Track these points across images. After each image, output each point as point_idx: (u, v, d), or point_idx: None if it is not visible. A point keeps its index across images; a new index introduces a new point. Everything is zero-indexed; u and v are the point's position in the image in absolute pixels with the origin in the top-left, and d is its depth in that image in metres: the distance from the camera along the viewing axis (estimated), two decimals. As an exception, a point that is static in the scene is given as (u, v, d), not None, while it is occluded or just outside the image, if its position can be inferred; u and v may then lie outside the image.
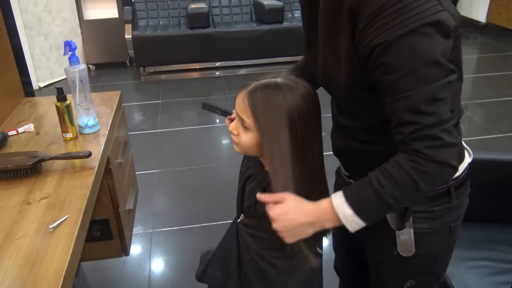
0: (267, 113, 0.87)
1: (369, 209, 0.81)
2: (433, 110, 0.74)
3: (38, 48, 4.56)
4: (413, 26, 0.72)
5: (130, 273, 2.10)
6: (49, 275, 0.84)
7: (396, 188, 0.78)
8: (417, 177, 0.76)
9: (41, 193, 1.12)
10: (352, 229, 0.83)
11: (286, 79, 0.90)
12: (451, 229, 0.99)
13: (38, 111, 1.68)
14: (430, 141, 0.75)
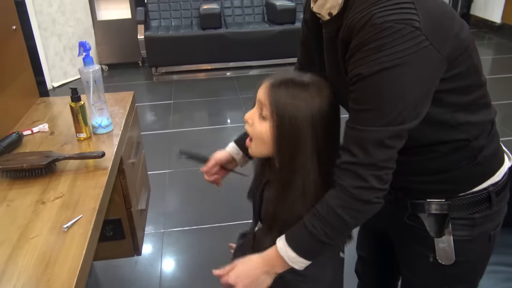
0: (289, 108, 0.86)
1: (309, 249, 0.87)
2: (375, 153, 0.77)
3: (52, 49, 4.61)
4: (386, 65, 0.72)
5: (142, 273, 2.11)
6: (63, 275, 0.84)
7: (327, 227, 0.83)
8: (343, 214, 0.81)
9: (55, 193, 1.13)
10: (299, 268, 0.88)
11: (312, 79, 0.89)
12: (491, 237, 0.97)
13: (53, 111, 1.69)
14: (358, 180, 0.79)
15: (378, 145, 0.77)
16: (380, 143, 0.76)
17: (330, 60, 0.93)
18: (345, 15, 0.81)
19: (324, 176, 0.90)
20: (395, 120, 0.75)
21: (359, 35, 0.75)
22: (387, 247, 1.15)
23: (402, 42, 0.71)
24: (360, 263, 1.39)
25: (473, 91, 0.85)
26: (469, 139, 0.87)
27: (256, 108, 0.92)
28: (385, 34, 0.71)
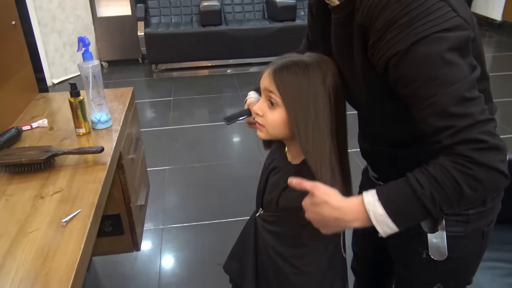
0: (296, 89, 0.86)
1: (403, 211, 0.75)
2: (464, 111, 0.70)
3: (52, 45, 4.60)
4: (423, 34, 0.70)
5: (141, 269, 2.12)
6: (61, 269, 0.85)
7: (436, 190, 0.71)
8: (460, 180, 0.70)
9: (54, 187, 1.13)
10: (383, 232, 0.76)
11: (312, 58, 0.90)
12: (484, 234, 0.96)
13: (52, 106, 1.69)
14: (472, 143, 0.69)
15: (462, 103, 0.70)
16: (462, 100, 0.70)
17: (339, 45, 0.91)
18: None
19: (337, 157, 0.89)
20: (458, 75, 0.71)
21: (384, 14, 0.73)
22: (381, 243, 1.13)
23: (432, 12, 0.70)
24: (355, 259, 1.39)
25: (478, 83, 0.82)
26: None
27: (263, 98, 0.93)
28: (414, 7, 0.71)
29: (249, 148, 3.27)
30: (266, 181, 1.05)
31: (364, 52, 0.80)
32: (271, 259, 1.03)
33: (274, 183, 1.01)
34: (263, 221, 1.06)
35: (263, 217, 1.06)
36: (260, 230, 1.06)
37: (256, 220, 1.08)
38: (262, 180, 1.08)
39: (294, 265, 1.00)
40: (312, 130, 0.87)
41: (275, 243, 1.02)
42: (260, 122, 0.94)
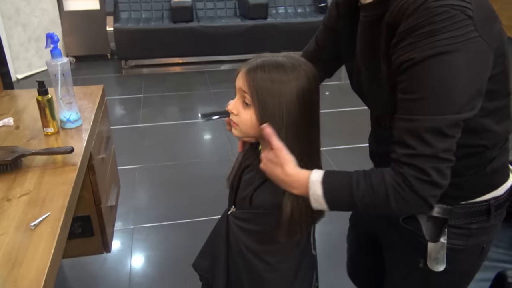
0: (269, 91, 0.86)
1: (336, 200, 0.83)
2: (433, 142, 0.72)
3: (16, 39, 4.44)
4: (441, 50, 0.70)
5: (111, 270, 2.08)
6: (30, 275, 0.82)
7: (369, 196, 0.78)
8: (391, 195, 0.76)
9: (22, 190, 1.09)
10: (314, 207, 0.85)
11: (288, 58, 0.90)
12: (483, 250, 0.96)
13: (18, 104, 1.64)
14: (419, 172, 0.74)
15: (437, 134, 0.72)
16: (438, 132, 0.72)
17: (364, 44, 0.90)
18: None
19: (307, 158, 0.91)
20: (451, 108, 0.72)
21: (410, 19, 0.72)
22: (375, 249, 1.14)
23: (455, 29, 0.70)
24: (350, 262, 1.38)
25: (500, 98, 0.83)
26: (487, 147, 0.86)
27: (238, 97, 0.93)
28: (440, 19, 0.70)
29: (221, 146, 3.26)
30: (240, 178, 1.05)
31: (386, 52, 0.81)
32: (243, 256, 1.03)
33: (247, 181, 1.01)
34: (235, 218, 1.06)
35: (236, 214, 1.06)
36: (232, 227, 1.06)
37: (228, 218, 1.08)
38: (235, 178, 1.08)
39: (266, 262, 1.00)
40: (285, 131, 0.88)
41: (247, 240, 1.02)
42: (234, 121, 0.94)
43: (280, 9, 5.61)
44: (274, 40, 5.10)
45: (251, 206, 0.99)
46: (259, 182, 0.97)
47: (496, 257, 1.44)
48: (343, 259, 1.38)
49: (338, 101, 4.01)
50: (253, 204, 0.98)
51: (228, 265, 1.08)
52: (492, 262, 1.40)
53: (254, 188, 0.97)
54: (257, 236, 1.01)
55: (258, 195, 0.96)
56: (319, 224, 1.05)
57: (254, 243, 1.01)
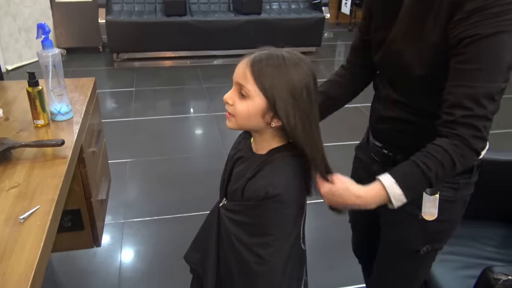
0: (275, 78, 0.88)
1: (414, 188, 0.93)
2: (487, 105, 0.87)
3: (6, 29, 4.38)
4: (503, 29, 0.83)
5: (101, 264, 2.06)
6: (19, 268, 0.81)
7: (439, 169, 0.90)
8: (456, 159, 0.89)
9: (11, 182, 1.08)
10: (396, 205, 0.93)
11: (291, 53, 0.91)
12: (465, 202, 1.14)
13: (7, 95, 1.61)
14: (474, 130, 0.88)
15: (490, 99, 0.87)
16: (491, 97, 0.87)
17: (413, 17, 0.98)
18: None
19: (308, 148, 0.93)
20: (500, 78, 0.87)
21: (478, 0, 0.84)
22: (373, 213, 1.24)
23: None
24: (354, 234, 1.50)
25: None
26: None
27: (234, 88, 0.93)
28: (508, 1, 0.83)
29: (212, 141, 3.24)
30: (231, 170, 1.05)
31: (443, 28, 0.91)
32: (234, 249, 1.02)
33: (239, 173, 1.01)
34: (226, 210, 1.05)
35: (227, 206, 1.06)
36: (223, 219, 1.06)
37: (220, 210, 1.08)
38: (226, 170, 1.08)
39: (257, 254, 1.00)
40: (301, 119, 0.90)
41: (238, 232, 1.02)
42: (229, 111, 0.94)
43: (274, 4, 5.59)
44: (268, 36, 5.09)
45: (243, 198, 0.98)
46: (250, 174, 0.96)
47: (486, 255, 1.46)
48: (331, 255, 1.39)
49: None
50: (245, 196, 0.98)
51: (219, 257, 1.08)
52: (482, 260, 1.42)
53: (246, 180, 0.97)
54: (248, 228, 1.01)
55: (250, 187, 0.96)
56: (308, 219, 1.06)
57: (245, 235, 1.01)
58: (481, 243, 1.53)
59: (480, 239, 1.54)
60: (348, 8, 6.48)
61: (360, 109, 3.79)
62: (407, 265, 1.23)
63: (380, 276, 1.33)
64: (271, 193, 0.91)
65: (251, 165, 0.97)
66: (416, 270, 1.24)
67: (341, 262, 2.05)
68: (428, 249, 1.16)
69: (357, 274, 1.66)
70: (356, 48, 1.24)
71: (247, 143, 1.03)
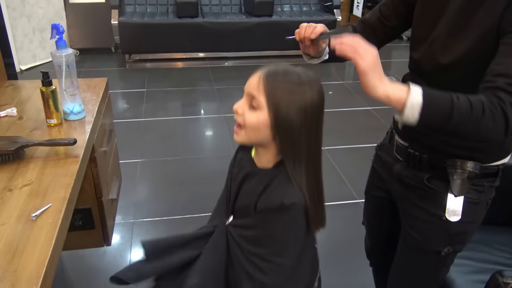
0: (286, 96, 0.87)
1: (435, 108, 0.85)
2: None
3: (20, 30, 4.44)
4: None
5: (110, 263, 2.08)
6: (30, 265, 0.82)
7: (466, 109, 0.84)
8: (486, 114, 0.83)
9: (24, 180, 1.09)
10: (403, 118, 0.86)
11: (304, 71, 0.91)
12: (487, 205, 1.14)
13: (21, 95, 1.63)
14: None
15: None
16: None
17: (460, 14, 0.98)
18: None
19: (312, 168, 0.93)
20: None
21: None
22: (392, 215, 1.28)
23: None
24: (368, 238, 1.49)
25: None
26: None
27: (245, 99, 0.92)
28: None
29: (222, 142, 3.25)
30: (239, 188, 1.04)
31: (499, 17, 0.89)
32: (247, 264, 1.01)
33: (249, 189, 1.00)
34: (236, 227, 1.04)
35: (237, 223, 1.04)
36: (234, 237, 1.04)
37: (228, 229, 1.06)
38: (232, 189, 1.06)
39: (271, 261, 1.00)
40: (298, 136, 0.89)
41: (251, 247, 1.00)
42: (238, 121, 0.94)
43: (286, 6, 5.59)
44: (279, 38, 5.08)
45: (255, 212, 0.97)
46: (262, 188, 0.95)
47: (499, 261, 1.44)
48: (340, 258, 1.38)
49: (340, 101, 4.00)
50: (258, 210, 0.96)
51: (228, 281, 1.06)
52: (495, 265, 1.40)
53: (258, 195, 0.96)
54: (263, 240, 0.99)
55: (263, 201, 0.95)
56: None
57: (261, 247, 1.00)
58: (494, 248, 1.51)
59: (493, 244, 1.52)
60: (360, 11, 6.45)
61: (370, 112, 3.77)
62: (427, 267, 1.23)
63: (398, 278, 1.32)
64: (287, 203, 0.90)
65: (261, 180, 0.96)
66: (436, 272, 1.24)
67: (350, 265, 2.04)
68: (449, 251, 1.16)
69: (367, 278, 1.65)
70: (371, 25, 1.23)
71: (249, 158, 1.02)
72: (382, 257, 1.47)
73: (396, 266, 1.31)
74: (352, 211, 2.44)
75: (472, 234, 1.19)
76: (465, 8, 0.97)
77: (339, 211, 2.47)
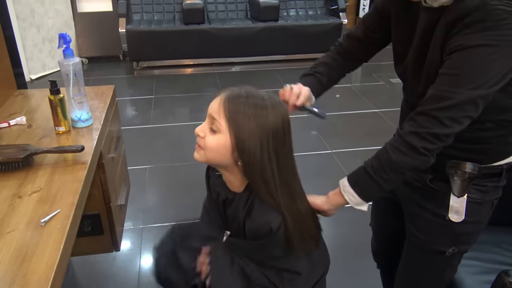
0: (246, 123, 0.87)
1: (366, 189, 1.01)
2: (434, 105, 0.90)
3: (30, 40, 4.51)
4: (486, 43, 0.84)
5: (120, 268, 2.10)
6: (40, 270, 0.83)
7: (378, 167, 0.98)
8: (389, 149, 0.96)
9: (33, 187, 1.11)
10: (355, 205, 1.03)
11: (269, 96, 0.92)
12: (493, 205, 1.14)
13: (31, 103, 1.66)
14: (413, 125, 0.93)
15: (438, 99, 0.90)
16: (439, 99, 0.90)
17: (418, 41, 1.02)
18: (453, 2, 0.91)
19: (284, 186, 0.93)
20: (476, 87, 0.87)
21: (471, 16, 0.86)
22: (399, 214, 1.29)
23: (505, 29, 0.84)
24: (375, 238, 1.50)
25: None
26: None
27: (207, 121, 0.93)
28: (494, 19, 0.84)
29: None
30: (224, 213, 1.05)
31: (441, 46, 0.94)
32: None
33: (232, 215, 1.01)
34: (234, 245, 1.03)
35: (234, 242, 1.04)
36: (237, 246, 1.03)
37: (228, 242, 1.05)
38: (218, 213, 1.08)
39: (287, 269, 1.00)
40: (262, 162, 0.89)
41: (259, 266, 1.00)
42: (199, 144, 0.95)
43: (291, 11, 5.61)
44: (285, 42, 5.11)
45: (246, 237, 0.98)
46: (243, 214, 0.96)
47: (507, 261, 1.43)
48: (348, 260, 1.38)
49: (348, 104, 4.00)
50: (248, 237, 0.97)
51: None
52: (503, 266, 1.39)
53: (242, 221, 0.97)
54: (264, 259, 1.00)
55: (250, 228, 0.95)
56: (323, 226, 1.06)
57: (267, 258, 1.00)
58: (503, 248, 1.49)
59: (501, 245, 1.51)
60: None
61: (378, 114, 3.76)
62: (432, 267, 1.23)
63: (404, 279, 1.33)
64: (275, 227, 0.91)
65: (238, 205, 0.97)
66: (441, 273, 1.25)
67: (358, 267, 2.03)
68: (454, 251, 1.17)
69: (375, 280, 1.65)
70: (358, 39, 1.24)
71: (221, 183, 1.02)
72: (388, 259, 1.47)
73: (402, 267, 1.31)
74: (360, 213, 2.43)
75: (478, 234, 1.19)
76: (421, 43, 1.01)
77: (347, 214, 2.47)
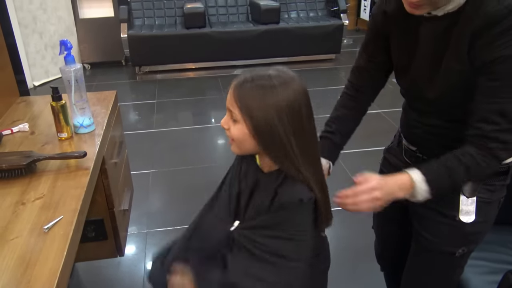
0: (256, 105, 0.85)
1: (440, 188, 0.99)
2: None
3: (33, 47, 4.53)
4: None
5: (125, 273, 2.09)
6: (43, 276, 0.84)
7: (465, 175, 0.97)
8: (481, 166, 0.95)
9: (36, 193, 1.11)
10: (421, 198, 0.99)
11: (277, 72, 0.89)
12: (499, 204, 1.15)
13: (33, 110, 1.67)
14: (502, 144, 0.93)
15: None
16: None
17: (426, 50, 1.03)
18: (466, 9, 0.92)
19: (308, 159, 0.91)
20: None
21: (500, 25, 0.87)
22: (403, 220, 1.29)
23: None
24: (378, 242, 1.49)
25: None
26: None
27: (227, 113, 0.92)
28: None
29: (234, 150, 3.26)
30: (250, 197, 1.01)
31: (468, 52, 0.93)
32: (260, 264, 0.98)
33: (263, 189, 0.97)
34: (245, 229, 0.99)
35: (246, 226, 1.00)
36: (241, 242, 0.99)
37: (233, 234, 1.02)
38: (242, 197, 1.04)
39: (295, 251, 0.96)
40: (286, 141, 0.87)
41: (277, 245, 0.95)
42: (228, 136, 0.93)
43: (292, 13, 5.62)
44: (287, 45, 5.11)
45: (270, 210, 0.94)
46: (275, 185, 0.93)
47: (511, 260, 1.42)
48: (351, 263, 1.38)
49: (351, 105, 3.99)
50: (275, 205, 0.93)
51: None
52: (509, 266, 1.38)
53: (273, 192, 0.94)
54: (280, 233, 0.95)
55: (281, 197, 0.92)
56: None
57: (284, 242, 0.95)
58: (508, 248, 1.49)
59: (508, 244, 1.50)
60: (367, 14, 6.45)
61: (381, 115, 3.75)
62: (441, 269, 1.22)
63: (412, 281, 1.31)
64: (306, 197, 0.90)
65: (271, 181, 0.94)
66: (451, 274, 1.24)
67: (361, 270, 2.02)
68: (464, 251, 1.17)
69: (379, 283, 1.64)
70: (364, 69, 1.23)
71: (255, 167, 1.00)
72: (392, 261, 1.46)
73: (410, 269, 1.30)
74: (363, 216, 2.42)
75: (485, 233, 1.19)
76: (431, 51, 1.02)
77: (350, 216, 2.46)
